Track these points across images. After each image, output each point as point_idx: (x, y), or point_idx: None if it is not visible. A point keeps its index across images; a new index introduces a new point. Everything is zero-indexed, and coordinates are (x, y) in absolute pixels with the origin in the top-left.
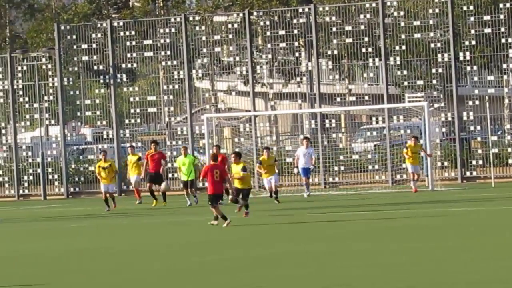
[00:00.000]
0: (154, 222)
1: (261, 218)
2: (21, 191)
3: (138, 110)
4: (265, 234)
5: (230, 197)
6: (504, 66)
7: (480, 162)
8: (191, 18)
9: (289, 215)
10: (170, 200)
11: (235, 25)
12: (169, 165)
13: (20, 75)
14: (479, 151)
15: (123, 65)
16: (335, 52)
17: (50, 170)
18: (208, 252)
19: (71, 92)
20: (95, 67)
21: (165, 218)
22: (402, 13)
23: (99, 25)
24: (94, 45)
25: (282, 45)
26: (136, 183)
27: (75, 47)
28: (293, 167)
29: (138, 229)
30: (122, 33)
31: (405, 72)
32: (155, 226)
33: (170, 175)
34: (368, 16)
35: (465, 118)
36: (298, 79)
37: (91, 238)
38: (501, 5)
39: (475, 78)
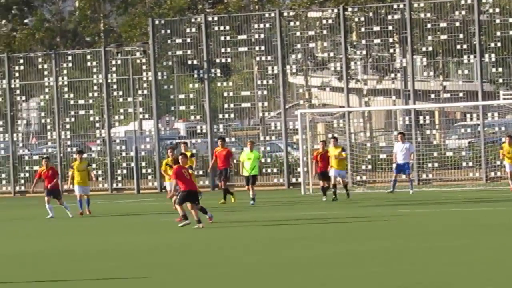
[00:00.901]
0: (242, 218)
1: (353, 213)
2: (114, 185)
3: (231, 105)
4: (356, 230)
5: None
6: None
7: None
8: (285, 14)
9: (379, 212)
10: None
11: (330, 21)
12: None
13: (114, 69)
14: None
15: (217, 60)
16: (430, 48)
17: (143, 164)
18: (299, 247)
19: (165, 87)
20: (189, 62)
21: (243, 215)
22: (497, 10)
23: (193, 20)
24: (188, 40)
25: (377, 41)
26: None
27: (169, 41)
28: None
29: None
30: (216, 28)
31: (500, 69)
32: (244, 222)
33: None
34: (463, 12)
35: None
36: (392, 75)
37: (182, 232)
38: None
39: None
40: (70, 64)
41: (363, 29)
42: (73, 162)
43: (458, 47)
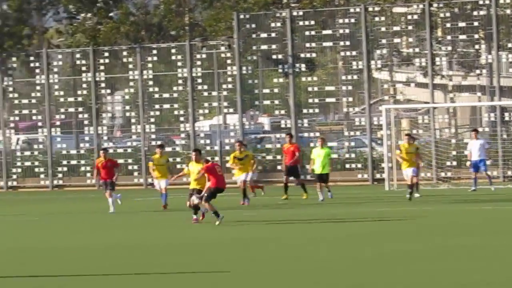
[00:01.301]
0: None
1: (437, 209)
2: None
3: (316, 100)
4: (441, 226)
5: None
6: None
7: None
8: (370, 9)
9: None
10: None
11: (415, 16)
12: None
13: (199, 63)
14: None
15: (302, 55)
16: None
17: (227, 158)
18: (384, 242)
19: (250, 81)
20: (274, 56)
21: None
22: None
23: (278, 14)
24: (273, 34)
25: (462, 37)
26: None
27: (254, 36)
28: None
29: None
30: (301, 23)
31: None
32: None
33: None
34: None
35: None
36: (478, 71)
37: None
38: None
39: None
40: (155, 58)
41: (448, 25)
42: (153, 155)
43: None
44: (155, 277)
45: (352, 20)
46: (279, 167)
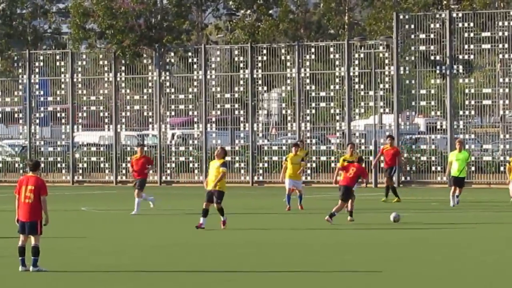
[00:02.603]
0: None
1: None
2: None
3: (472, 102)
4: None
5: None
6: None
7: None
8: None
9: None
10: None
11: None
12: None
13: (356, 62)
14: None
15: (460, 56)
16: None
17: (382, 158)
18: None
19: (407, 82)
20: (432, 57)
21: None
22: None
23: (437, 16)
24: (432, 35)
25: None
26: None
27: (412, 36)
28: None
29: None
30: (460, 24)
31: None
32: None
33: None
34: None
35: None
36: None
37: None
38: None
39: None
40: (313, 56)
41: None
42: (288, 154)
43: None
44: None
45: None
46: (433, 168)
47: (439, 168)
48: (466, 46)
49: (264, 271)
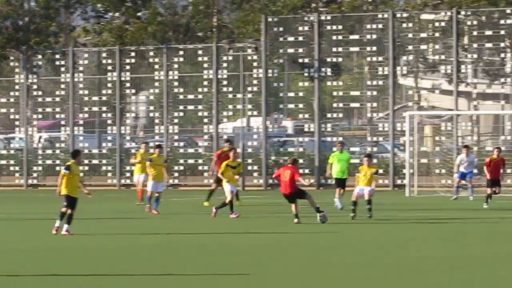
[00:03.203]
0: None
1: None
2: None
3: (340, 105)
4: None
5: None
6: None
7: None
8: (398, 15)
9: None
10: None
11: (442, 24)
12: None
13: (225, 65)
14: None
15: (328, 59)
16: None
17: (249, 161)
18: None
19: (275, 84)
20: (300, 60)
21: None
22: None
23: (306, 18)
24: (300, 38)
25: (488, 45)
26: None
27: (281, 39)
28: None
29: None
30: (328, 27)
31: None
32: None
33: None
34: None
35: None
36: (503, 80)
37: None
38: None
39: None
40: (181, 59)
41: (475, 33)
42: (152, 155)
43: None
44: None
45: (380, 26)
46: (301, 171)
47: (307, 171)
48: (334, 49)
49: (128, 275)
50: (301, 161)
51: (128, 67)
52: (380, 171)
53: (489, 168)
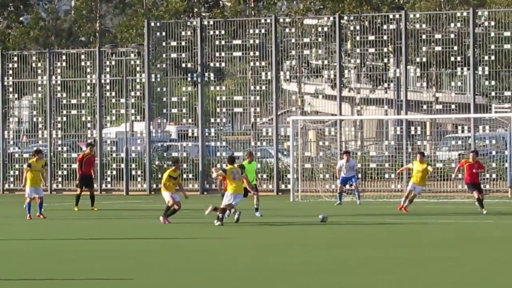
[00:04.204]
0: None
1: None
2: (103, 186)
3: (224, 110)
4: (347, 238)
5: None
6: None
7: None
8: (281, 20)
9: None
10: None
11: (325, 29)
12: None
13: (108, 69)
14: None
15: (211, 64)
16: (424, 59)
17: (133, 165)
18: (292, 254)
19: (158, 89)
20: (183, 65)
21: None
22: (492, 23)
23: (189, 23)
24: (183, 43)
25: (371, 50)
26: None
27: (164, 44)
28: (382, 173)
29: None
30: (212, 32)
31: (493, 83)
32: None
33: None
34: (458, 25)
35: None
36: (386, 85)
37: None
38: None
39: None
40: (64, 64)
41: (358, 38)
42: (31, 160)
43: (452, 59)
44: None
45: (263, 31)
46: (184, 176)
47: (190, 176)
48: (217, 54)
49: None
50: (184, 166)
51: (10, 71)
52: (264, 176)
53: (467, 171)
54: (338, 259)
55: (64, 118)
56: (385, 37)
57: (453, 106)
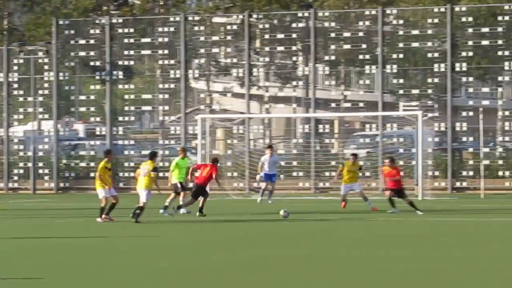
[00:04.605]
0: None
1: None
2: (10, 185)
3: (132, 108)
4: (256, 237)
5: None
6: (500, 78)
7: (471, 173)
8: (190, 18)
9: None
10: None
11: (234, 27)
12: (161, 163)
13: (15, 68)
14: (470, 162)
15: (120, 62)
16: (333, 57)
17: (41, 164)
18: (196, 253)
19: (66, 87)
20: (92, 63)
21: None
22: (401, 21)
23: (98, 21)
24: (92, 41)
25: (280, 48)
26: None
27: (72, 42)
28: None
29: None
30: (120, 30)
31: (401, 81)
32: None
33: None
34: (367, 23)
35: (458, 128)
36: (294, 83)
37: (78, 234)
38: (499, 18)
39: (470, 89)
40: None
41: (267, 36)
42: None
43: (361, 57)
44: None
45: (172, 29)
46: (92, 174)
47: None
48: (126, 52)
49: None
50: (92, 164)
51: None
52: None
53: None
54: (241, 258)
55: None
56: (294, 35)
57: (361, 104)
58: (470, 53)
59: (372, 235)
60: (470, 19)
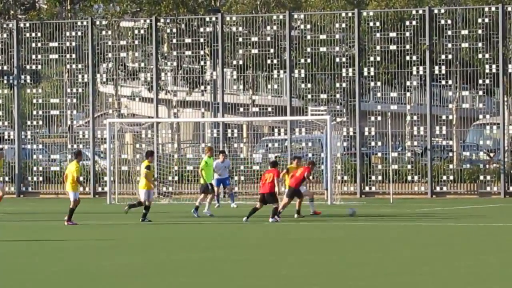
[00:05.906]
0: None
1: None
2: None
3: (40, 112)
4: (168, 240)
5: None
6: (408, 83)
7: (380, 177)
8: (97, 22)
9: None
10: None
11: (142, 31)
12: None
13: None
14: (379, 166)
15: (28, 67)
16: (240, 62)
17: None
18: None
19: None
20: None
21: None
22: (308, 26)
23: (5, 25)
24: None
25: (188, 53)
26: None
27: None
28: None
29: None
30: (28, 34)
31: (309, 85)
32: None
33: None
34: (275, 28)
35: (366, 133)
36: (202, 87)
37: None
38: (407, 23)
39: (378, 94)
40: None
41: (174, 41)
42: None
43: (269, 61)
44: None
45: (79, 33)
46: (6, 178)
47: (7, 179)
48: (33, 56)
49: None
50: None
51: None
52: (81, 178)
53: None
54: (157, 261)
55: None
56: (201, 40)
57: (269, 109)
58: (378, 58)
59: (280, 238)
60: (378, 24)
